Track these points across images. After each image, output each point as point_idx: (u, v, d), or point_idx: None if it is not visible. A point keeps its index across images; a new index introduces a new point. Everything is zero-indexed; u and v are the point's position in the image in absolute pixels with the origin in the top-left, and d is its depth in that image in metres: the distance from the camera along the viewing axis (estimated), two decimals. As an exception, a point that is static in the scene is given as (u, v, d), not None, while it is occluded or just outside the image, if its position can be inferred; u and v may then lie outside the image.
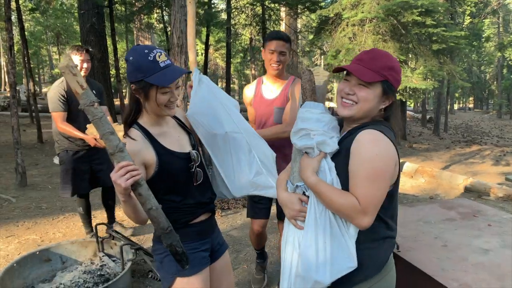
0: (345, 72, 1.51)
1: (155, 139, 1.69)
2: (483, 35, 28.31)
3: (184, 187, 1.75)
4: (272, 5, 9.29)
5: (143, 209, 1.51)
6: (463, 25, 17.16)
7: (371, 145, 1.37)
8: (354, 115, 1.46)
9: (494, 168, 10.16)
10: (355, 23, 7.12)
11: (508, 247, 2.23)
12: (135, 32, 22.70)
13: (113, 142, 1.40)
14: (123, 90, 17.12)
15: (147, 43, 22.54)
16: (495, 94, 34.12)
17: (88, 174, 3.90)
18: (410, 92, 6.96)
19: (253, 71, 36.17)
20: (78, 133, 3.61)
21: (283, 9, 9.93)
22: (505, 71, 33.14)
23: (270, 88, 2.81)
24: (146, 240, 4.34)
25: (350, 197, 1.37)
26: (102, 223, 3.65)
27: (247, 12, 9.71)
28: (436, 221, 2.70)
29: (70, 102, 3.66)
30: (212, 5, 11.07)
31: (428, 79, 7.10)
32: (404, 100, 7.95)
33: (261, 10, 10.00)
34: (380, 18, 6.48)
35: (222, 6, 10.74)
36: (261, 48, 3.18)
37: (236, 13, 9.81)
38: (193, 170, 1.78)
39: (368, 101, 1.45)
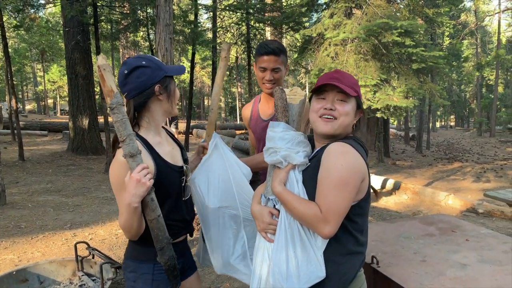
0: (310, 95, 1.61)
1: (154, 149, 1.66)
2: (462, 55, 29.15)
3: (173, 201, 1.72)
4: (257, 24, 9.45)
5: (147, 218, 1.52)
6: (443, 46, 17.66)
7: (338, 156, 1.41)
8: (335, 131, 1.51)
9: (475, 184, 10.34)
10: (337, 42, 7.28)
11: (485, 261, 2.27)
12: (121, 50, 22.75)
13: (132, 145, 1.46)
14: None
15: (133, 61, 22.64)
16: (475, 113, 34.95)
17: None
18: (392, 110, 7.12)
19: (239, 89, 36.47)
20: None
21: (268, 28, 10.12)
22: (484, 90, 34.05)
23: (266, 108, 2.45)
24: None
25: (313, 206, 1.41)
26: (82, 241, 3.59)
27: (232, 31, 9.84)
28: (416, 237, 2.73)
29: None
30: (198, 24, 11.20)
31: (410, 98, 7.29)
32: (386, 118, 8.11)
33: (245, 29, 10.17)
34: (361, 38, 6.65)
35: (208, 25, 10.89)
36: (252, 62, 2.94)
37: (222, 32, 9.93)
38: (183, 184, 1.77)
39: (349, 116, 1.52)
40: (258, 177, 2.33)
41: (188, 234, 1.88)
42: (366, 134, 11.72)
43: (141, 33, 13.12)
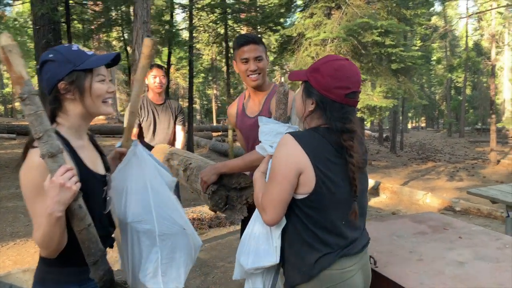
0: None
1: (76, 153, 1.42)
2: (433, 58, 29.94)
3: (95, 213, 1.42)
4: (235, 24, 9.36)
5: (76, 229, 1.29)
6: (416, 47, 18.08)
7: (278, 148, 1.48)
8: (298, 117, 1.65)
9: (449, 183, 10.58)
10: (318, 43, 7.29)
11: (481, 259, 2.25)
12: (93, 51, 22.17)
13: (51, 142, 1.22)
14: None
15: (105, 61, 22.07)
16: (445, 114, 35.97)
17: None
18: (371, 110, 7.17)
19: (214, 91, 36.23)
20: None
21: (245, 28, 10.01)
22: (453, 92, 35.08)
23: (253, 104, 2.32)
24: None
25: (260, 194, 1.53)
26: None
27: (209, 31, 9.72)
28: (408, 235, 2.69)
29: (142, 119, 3.74)
30: (174, 24, 11.00)
31: (389, 97, 7.36)
32: (366, 118, 8.17)
33: (223, 29, 10.05)
34: (341, 38, 6.67)
35: (184, 25, 10.71)
36: (232, 61, 2.57)
37: (199, 32, 9.78)
38: (106, 195, 1.54)
39: (297, 101, 1.60)
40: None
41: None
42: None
43: (115, 33, 12.78)
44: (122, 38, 13.67)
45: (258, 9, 8.49)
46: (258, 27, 8.66)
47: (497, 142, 15.56)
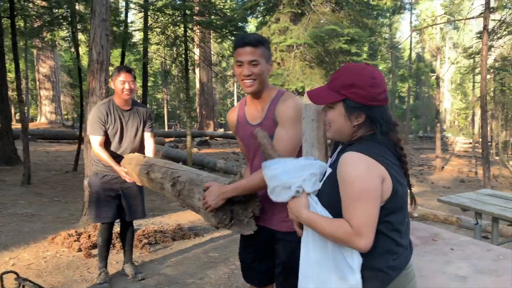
0: None
1: None
2: (379, 68, 31.17)
3: None
4: (196, 27, 9.08)
5: None
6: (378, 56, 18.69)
7: (349, 168, 1.38)
8: (333, 137, 1.54)
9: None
10: (283, 48, 7.23)
11: (482, 272, 2.19)
12: (35, 51, 20.72)
13: None
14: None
15: (50, 62, 20.75)
16: (390, 122, 37.47)
17: (115, 201, 3.58)
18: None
19: (165, 95, 35.36)
20: (111, 162, 3.40)
21: (197, 30, 9.76)
22: (397, 101, 36.77)
23: (254, 110, 2.09)
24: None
25: (342, 223, 1.39)
26: (10, 271, 2.98)
27: (167, 33, 9.35)
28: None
29: (108, 125, 3.46)
30: (130, 24, 10.51)
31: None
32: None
33: (177, 32, 9.74)
34: (308, 44, 6.64)
35: (140, 26, 10.24)
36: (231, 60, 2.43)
37: (156, 34, 9.39)
38: None
39: (335, 122, 1.49)
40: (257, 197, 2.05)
41: None
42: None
43: (63, 32, 11.98)
44: (67, 38, 12.87)
45: (219, 12, 8.29)
46: (219, 31, 8.46)
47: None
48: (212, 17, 8.36)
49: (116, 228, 4.04)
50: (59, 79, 23.80)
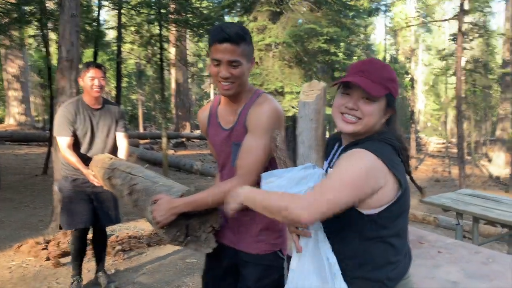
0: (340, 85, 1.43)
1: None
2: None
3: None
4: (172, 26, 8.86)
5: None
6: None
7: (351, 159, 1.29)
8: (359, 131, 1.37)
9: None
10: (262, 47, 7.12)
11: (472, 277, 2.12)
12: (2, 50, 19.92)
13: None
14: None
15: (18, 62, 20.00)
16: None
17: (89, 205, 3.34)
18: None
19: (139, 96, 34.73)
20: (79, 165, 3.15)
21: (173, 29, 9.52)
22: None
23: (228, 112, 1.80)
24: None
25: (298, 195, 1.31)
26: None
27: (141, 32, 9.09)
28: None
29: (77, 126, 3.23)
30: (102, 23, 10.19)
31: (331, 106, 7.36)
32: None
33: (153, 30, 9.49)
34: (287, 44, 6.55)
35: (114, 23, 9.89)
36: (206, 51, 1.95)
37: (131, 33, 9.11)
38: None
39: (374, 116, 1.36)
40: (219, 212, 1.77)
41: None
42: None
43: (32, 31, 11.51)
44: (37, 37, 12.37)
45: (195, 10, 8.10)
46: (195, 30, 8.27)
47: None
48: (188, 15, 8.16)
49: (89, 234, 3.82)
50: (29, 79, 23.03)
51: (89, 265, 4.07)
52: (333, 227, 1.36)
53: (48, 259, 4.15)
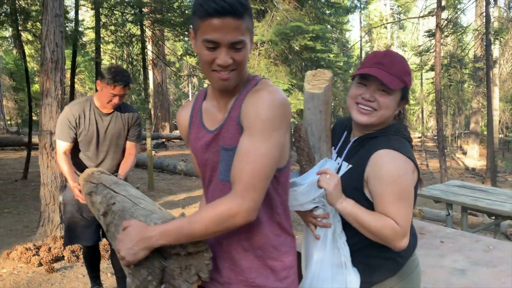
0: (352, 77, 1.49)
1: None
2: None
3: None
4: (154, 25, 8.74)
5: None
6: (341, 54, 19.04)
7: (391, 167, 1.34)
8: (374, 123, 1.41)
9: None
10: (247, 46, 7.05)
11: (478, 264, 2.19)
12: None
13: None
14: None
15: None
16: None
17: (92, 221, 2.97)
18: (301, 115, 7.19)
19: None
20: (68, 176, 2.81)
21: (153, 29, 9.38)
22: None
23: (216, 109, 1.30)
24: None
25: (390, 220, 1.33)
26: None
27: (121, 32, 8.93)
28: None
29: (80, 130, 2.91)
30: (81, 23, 9.95)
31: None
32: (297, 122, 8.20)
33: (132, 30, 9.33)
34: (273, 42, 6.57)
35: (92, 23, 9.67)
36: (190, 33, 1.27)
37: (111, 33, 8.92)
38: None
39: (390, 108, 1.41)
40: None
41: None
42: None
43: (4, 32, 11.15)
44: (9, 38, 12.01)
45: (177, 10, 8.00)
46: (178, 29, 8.18)
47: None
48: (169, 15, 8.06)
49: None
50: (1, 82, 22.32)
51: (82, 269, 3.98)
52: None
53: (40, 264, 4.05)
